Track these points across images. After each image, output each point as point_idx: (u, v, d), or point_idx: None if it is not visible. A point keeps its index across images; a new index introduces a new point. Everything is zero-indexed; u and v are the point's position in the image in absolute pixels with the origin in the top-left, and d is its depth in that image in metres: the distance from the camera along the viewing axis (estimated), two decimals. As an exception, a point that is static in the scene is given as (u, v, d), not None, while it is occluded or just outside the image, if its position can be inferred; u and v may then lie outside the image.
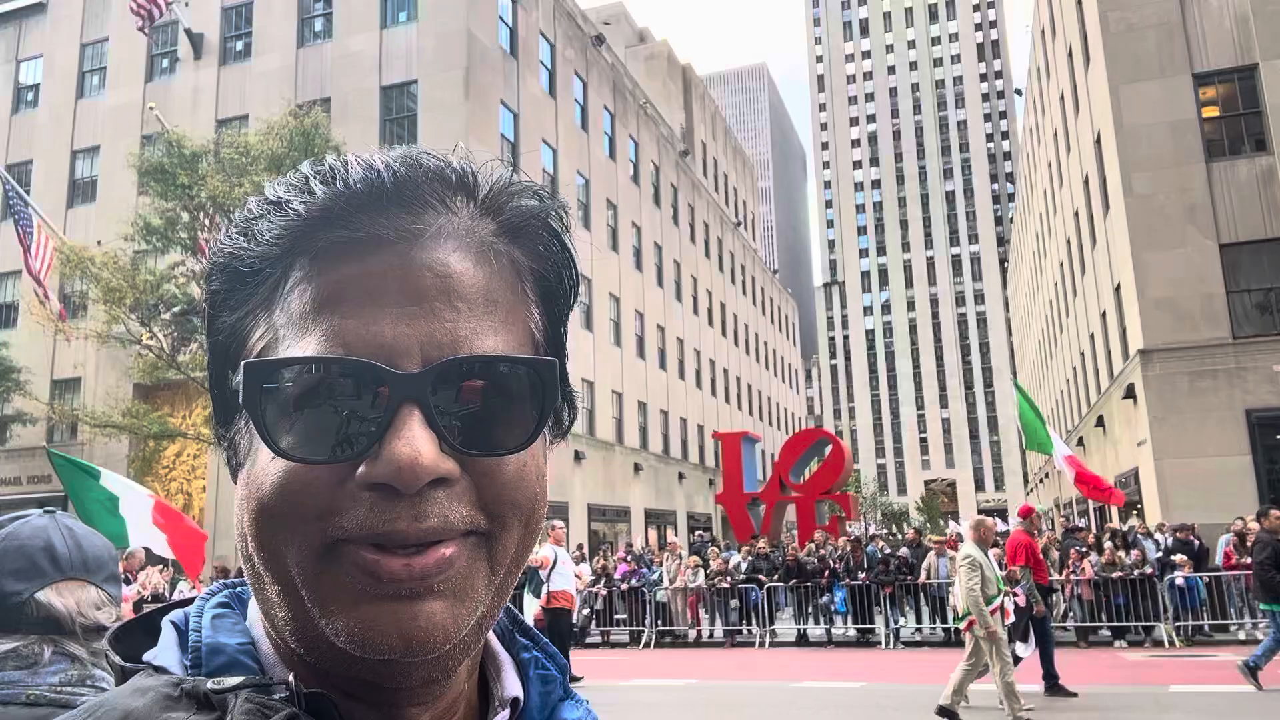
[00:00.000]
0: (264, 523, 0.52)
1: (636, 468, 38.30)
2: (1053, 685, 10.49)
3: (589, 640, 19.13)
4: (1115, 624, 16.07)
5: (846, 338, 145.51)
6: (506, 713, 0.61)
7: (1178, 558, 15.95)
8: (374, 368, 0.51)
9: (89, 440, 26.35)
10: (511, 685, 0.63)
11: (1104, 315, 28.32)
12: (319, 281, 0.54)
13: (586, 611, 19.34)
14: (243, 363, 0.53)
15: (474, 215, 0.58)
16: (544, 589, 11.49)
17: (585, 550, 24.09)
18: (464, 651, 0.55)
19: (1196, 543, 16.43)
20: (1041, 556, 11.53)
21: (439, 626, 0.51)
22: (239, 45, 31.86)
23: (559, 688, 0.65)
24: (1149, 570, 15.81)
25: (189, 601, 0.62)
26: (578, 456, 32.78)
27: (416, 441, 0.50)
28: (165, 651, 0.57)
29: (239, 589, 0.62)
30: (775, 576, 18.49)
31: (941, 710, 8.86)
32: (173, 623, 0.59)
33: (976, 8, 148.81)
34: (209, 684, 0.52)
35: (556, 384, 0.55)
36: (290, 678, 0.53)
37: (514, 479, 0.54)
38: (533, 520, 0.56)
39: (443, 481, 0.51)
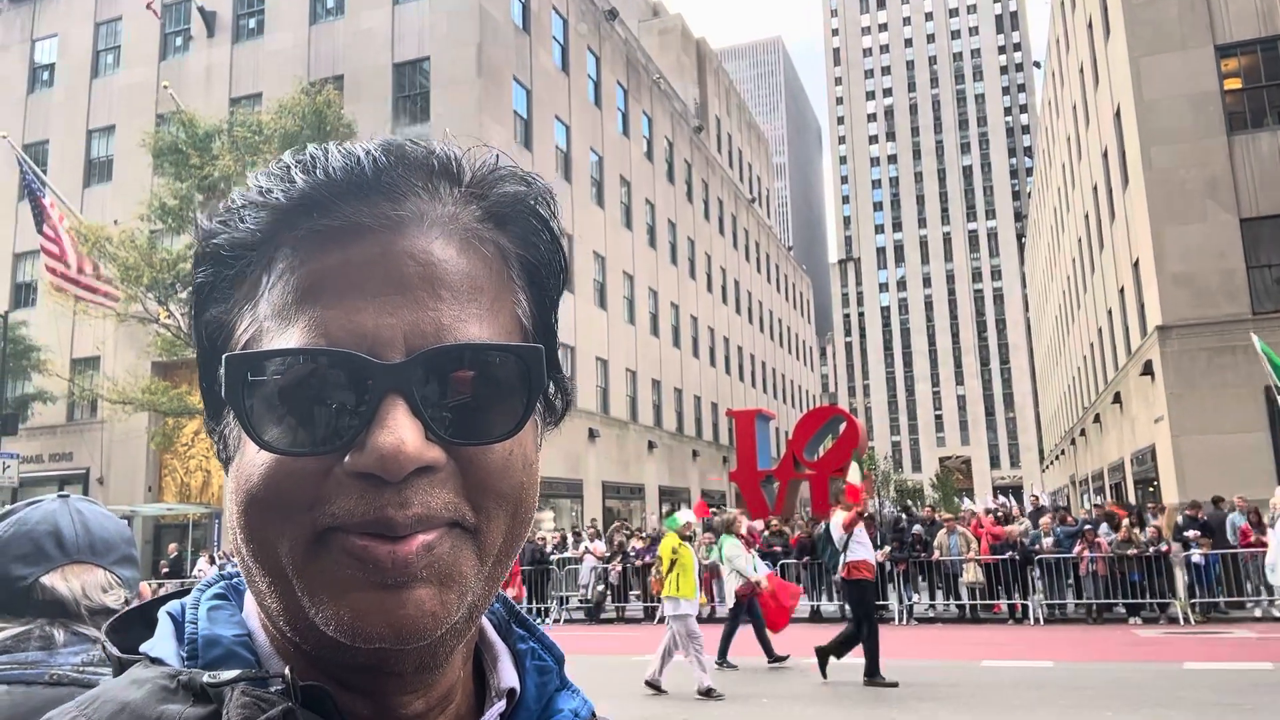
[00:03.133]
0: (253, 514, 0.52)
1: (650, 445, 38.40)
2: None
3: (604, 616, 19.30)
4: (1130, 601, 16.06)
5: (862, 314, 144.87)
6: (503, 703, 0.61)
7: (1191, 534, 15.89)
8: (357, 358, 0.51)
9: (109, 418, 26.64)
10: (508, 676, 0.63)
11: (1122, 291, 28.06)
12: (301, 272, 0.54)
13: (601, 587, 19.52)
14: (224, 356, 0.52)
15: (458, 201, 0.57)
16: (841, 559, 10.68)
17: (599, 527, 24.22)
18: (456, 638, 0.55)
19: (1204, 518, 16.39)
20: None
21: (427, 613, 0.51)
22: (251, 23, 31.80)
23: (555, 678, 0.65)
24: (1164, 548, 15.76)
25: (186, 592, 0.62)
26: (592, 434, 32.87)
27: (400, 430, 0.49)
28: (162, 643, 0.57)
29: (235, 580, 0.62)
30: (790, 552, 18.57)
31: None
32: (169, 614, 0.59)
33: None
34: (205, 676, 0.52)
35: (543, 371, 0.55)
36: (286, 670, 0.53)
37: (500, 468, 0.54)
38: (520, 509, 0.56)
39: (427, 469, 0.51)
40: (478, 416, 0.53)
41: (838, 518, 10.86)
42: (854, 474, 15.57)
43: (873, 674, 10.13)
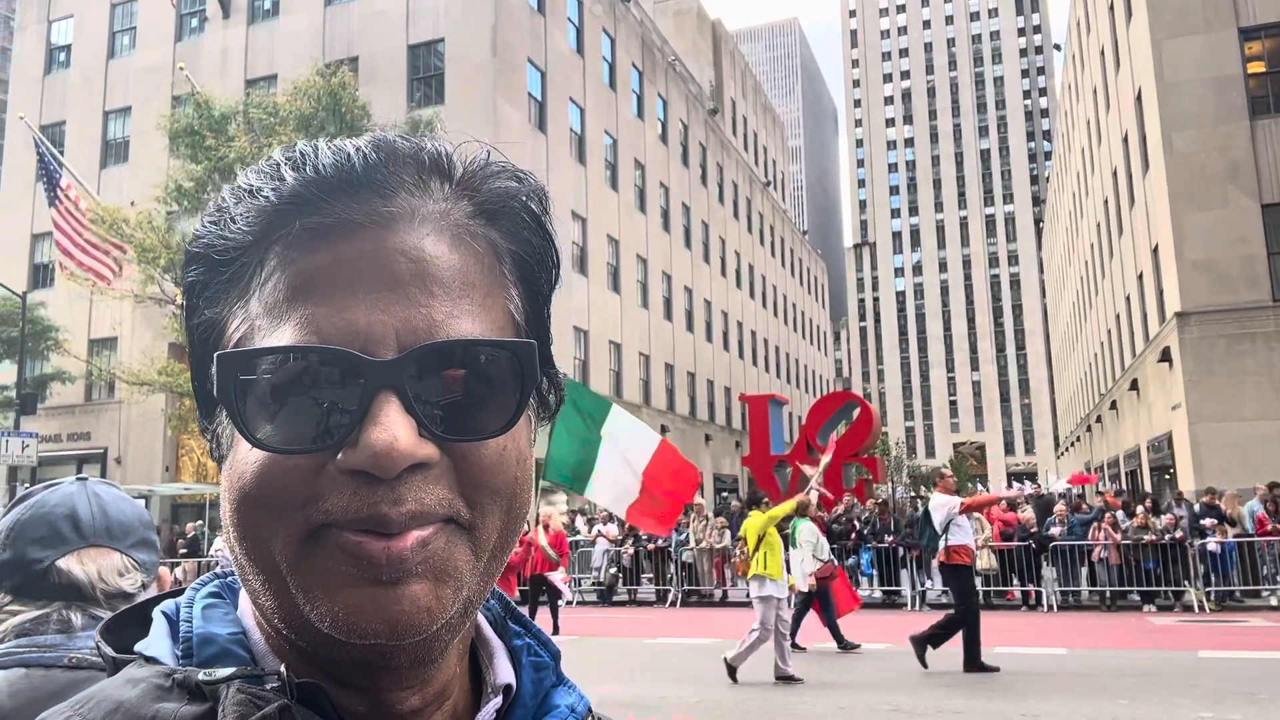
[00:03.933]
0: (246, 512, 0.52)
1: (663, 429, 38.40)
2: None
3: (616, 598, 19.39)
4: (1144, 589, 15.99)
5: (876, 299, 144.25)
6: (499, 699, 0.61)
7: (1207, 522, 15.80)
8: (349, 356, 0.51)
9: (126, 398, 26.86)
10: (504, 672, 0.62)
11: (1140, 277, 27.81)
12: (292, 269, 0.54)
13: (614, 570, 19.60)
14: (216, 354, 0.53)
15: (449, 197, 0.57)
16: (941, 542, 10.31)
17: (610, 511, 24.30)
18: (451, 633, 0.55)
19: (1221, 506, 16.28)
20: None
21: (422, 609, 0.51)
22: (266, 4, 31.77)
23: (551, 674, 0.65)
24: (1180, 535, 15.68)
25: (180, 591, 0.62)
26: (605, 417, 32.87)
27: (393, 427, 0.50)
28: (156, 642, 0.57)
29: (230, 579, 0.62)
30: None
31: None
32: (164, 613, 0.59)
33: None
34: (200, 675, 0.52)
35: (536, 367, 0.55)
36: (281, 668, 0.53)
37: (493, 463, 0.54)
38: (515, 505, 0.56)
39: (420, 466, 0.51)
40: (471, 412, 0.53)
41: (938, 499, 10.60)
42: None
43: (973, 660, 9.88)
